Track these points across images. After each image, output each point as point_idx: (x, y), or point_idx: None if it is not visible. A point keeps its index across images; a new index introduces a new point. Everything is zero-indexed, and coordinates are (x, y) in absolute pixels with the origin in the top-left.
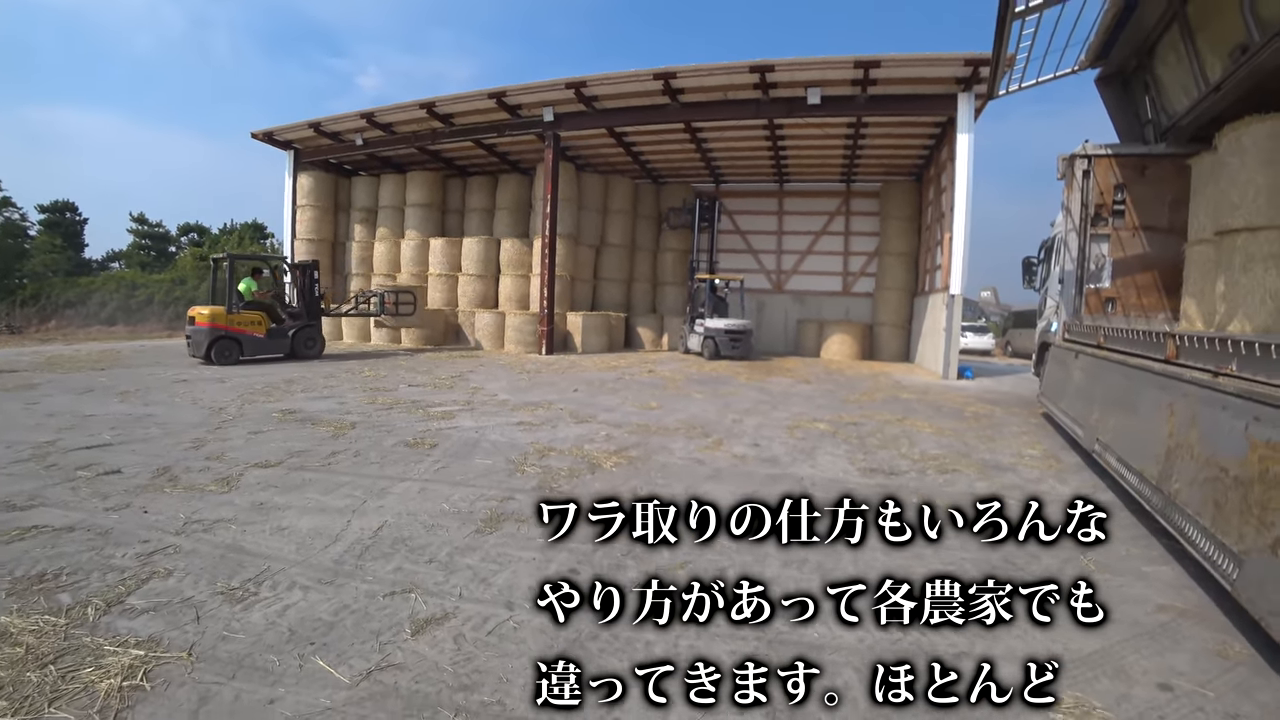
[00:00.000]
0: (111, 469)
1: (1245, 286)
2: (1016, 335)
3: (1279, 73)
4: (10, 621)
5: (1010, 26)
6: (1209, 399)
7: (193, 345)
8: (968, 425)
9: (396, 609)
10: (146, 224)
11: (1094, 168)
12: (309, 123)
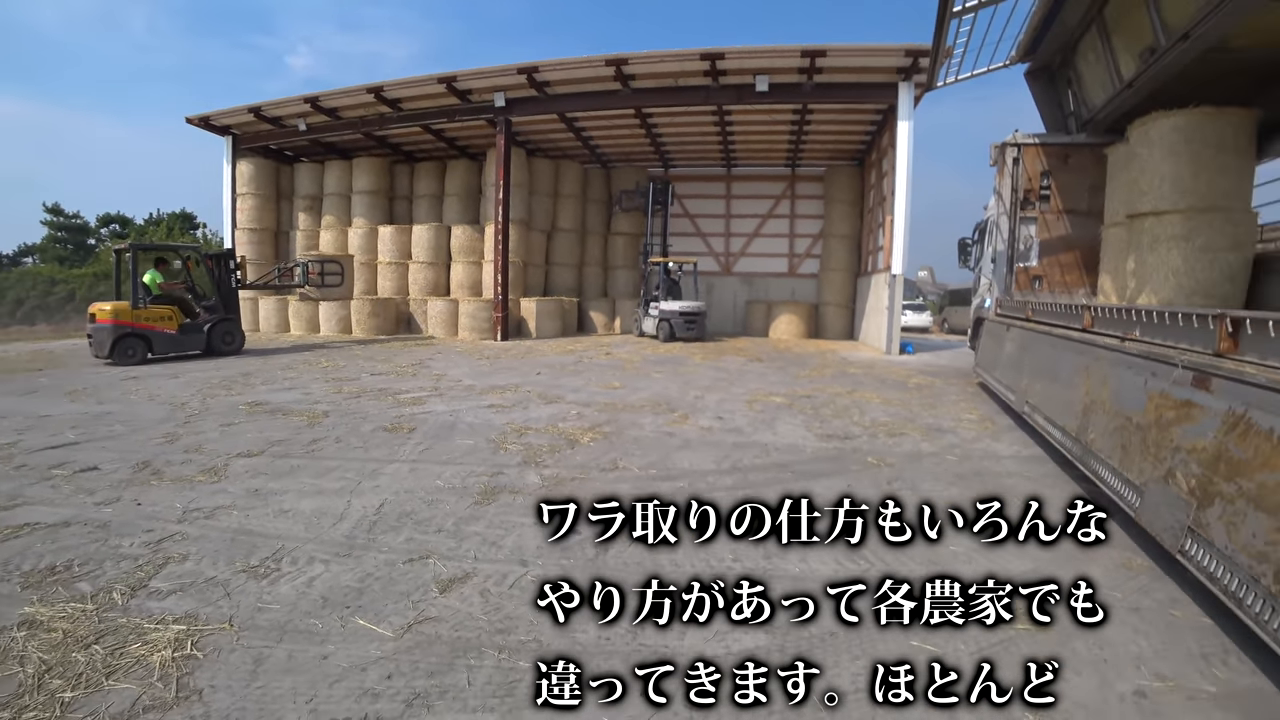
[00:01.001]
0: (87, 466)
1: (1152, 264)
2: (952, 313)
3: (1182, 73)
4: (36, 611)
5: (948, 23)
6: (1117, 360)
7: (95, 345)
8: (911, 395)
9: (418, 573)
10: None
11: (1023, 155)
12: (249, 107)
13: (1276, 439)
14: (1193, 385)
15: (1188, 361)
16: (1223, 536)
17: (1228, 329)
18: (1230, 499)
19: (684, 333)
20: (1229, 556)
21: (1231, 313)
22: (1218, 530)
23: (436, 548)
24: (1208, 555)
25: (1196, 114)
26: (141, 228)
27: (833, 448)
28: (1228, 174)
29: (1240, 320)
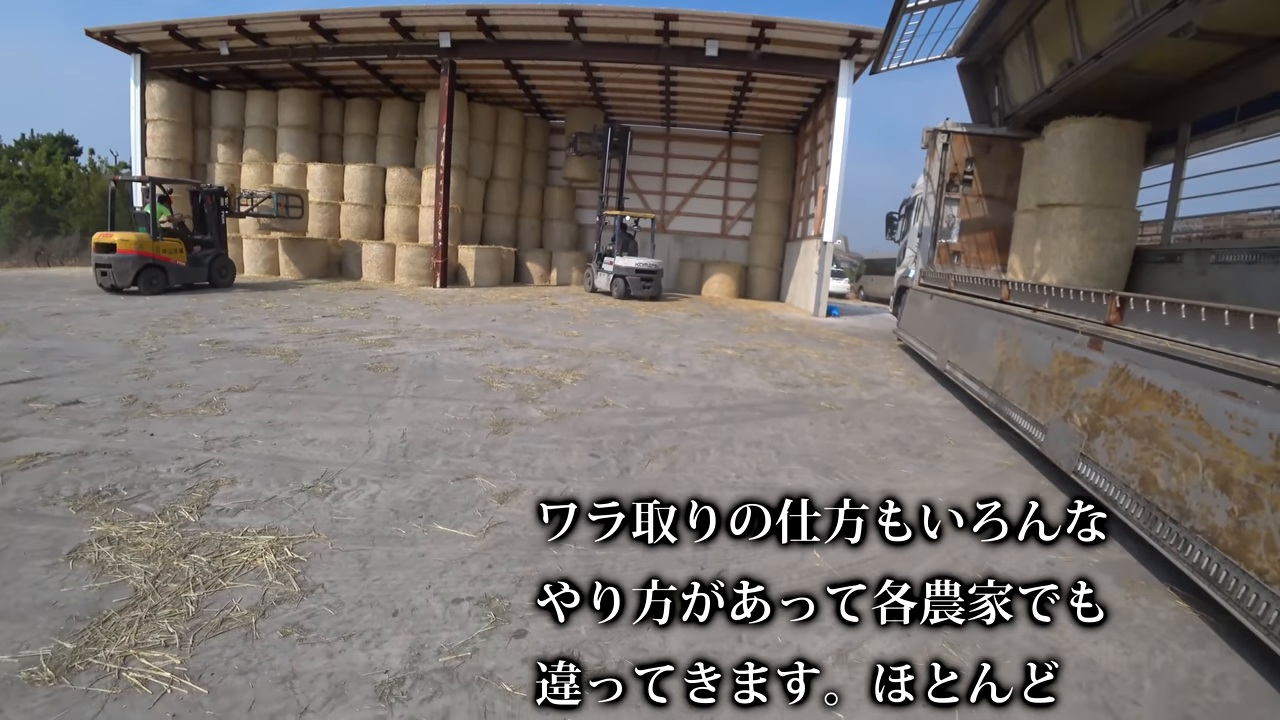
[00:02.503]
0: (68, 400)
1: (1054, 249)
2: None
3: (1094, 88)
4: (108, 529)
5: (900, 17)
6: (1029, 327)
7: (116, 274)
8: (844, 352)
9: (471, 489)
10: None
11: (952, 142)
12: (163, 24)
13: (1146, 385)
14: (1089, 347)
15: (1085, 328)
16: (1105, 458)
17: (1116, 305)
18: (1111, 430)
19: (639, 291)
20: (1109, 472)
21: (1119, 293)
22: (1101, 454)
23: (476, 469)
24: (1094, 473)
25: (1100, 122)
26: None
27: (788, 393)
28: (1120, 177)
29: (1126, 298)
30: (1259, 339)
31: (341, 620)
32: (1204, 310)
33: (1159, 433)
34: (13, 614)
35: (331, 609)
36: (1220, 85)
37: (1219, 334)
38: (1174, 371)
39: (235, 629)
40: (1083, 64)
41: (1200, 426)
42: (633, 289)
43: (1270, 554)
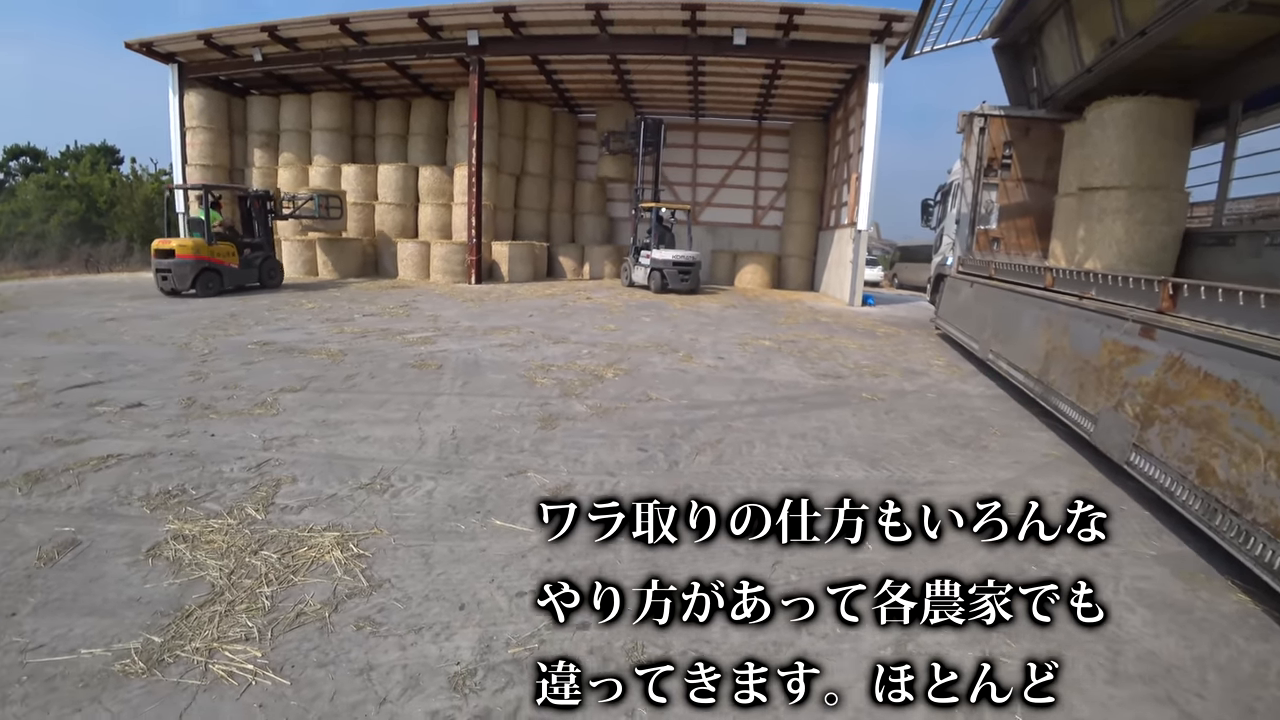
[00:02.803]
0: (131, 403)
1: (1098, 233)
2: (903, 268)
3: (1138, 66)
4: (181, 527)
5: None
6: (1076, 314)
7: (175, 278)
8: (882, 342)
9: (524, 484)
10: None
11: (989, 125)
12: (198, 33)
13: (1202, 374)
14: (1140, 335)
15: (1136, 316)
16: (1160, 448)
17: (1169, 291)
18: (1166, 420)
19: (677, 284)
20: (1164, 462)
21: (1172, 279)
22: (1156, 444)
23: (528, 464)
24: (1148, 463)
25: (1145, 102)
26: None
27: (829, 385)
28: (1168, 157)
29: (1179, 285)
30: None
31: (411, 614)
32: (1264, 297)
33: (1218, 423)
34: (102, 609)
35: (400, 603)
36: (1274, 59)
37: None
38: (1233, 360)
39: (310, 623)
40: (1126, 42)
41: (1262, 417)
42: (670, 282)
43: None
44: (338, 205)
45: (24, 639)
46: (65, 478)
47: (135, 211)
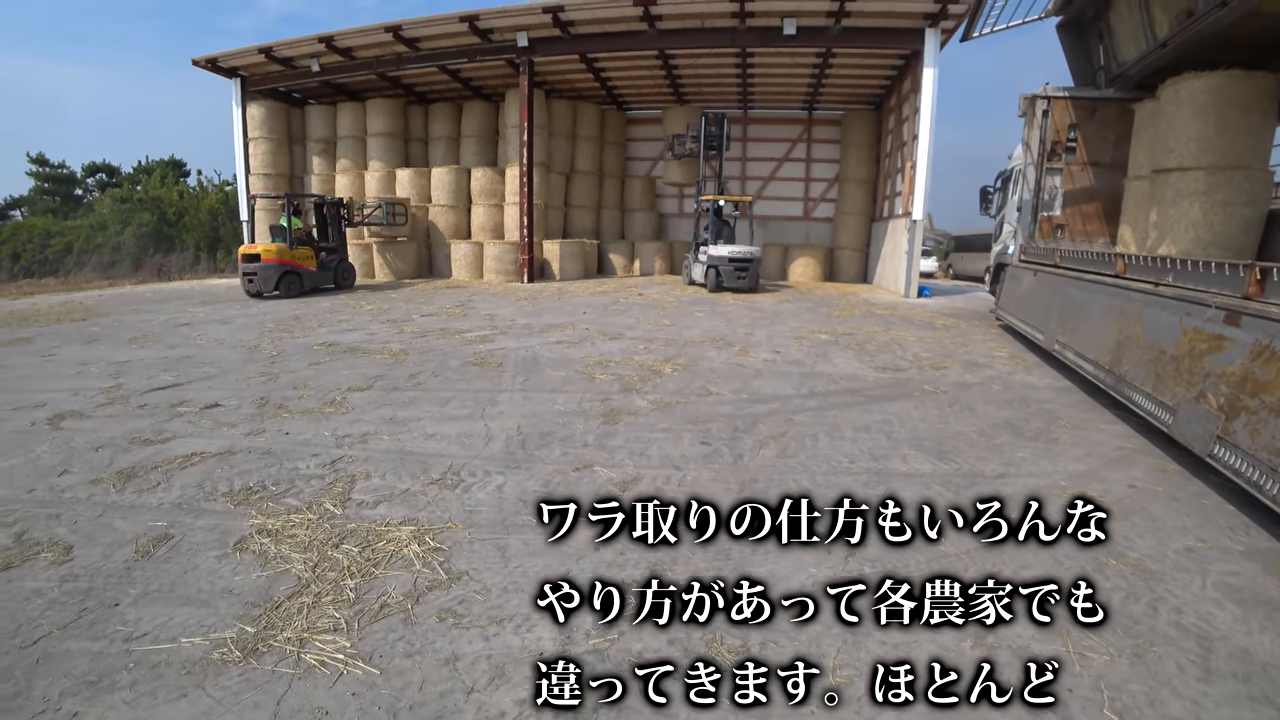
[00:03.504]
0: (209, 404)
1: (1173, 217)
2: (958, 259)
3: (1217, 38)
4: (264, 522)
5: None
6: (1151, 302)
7: (260, 281)
8: (941, 334)
9: (591, 478)
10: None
11: (1052, 108)
12: (259, 48)
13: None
14: (1224, 322)
15: (1220, 303)
16: (1247, 440)
17: (1256, 276)
18: (1254, 411)
19: (733, 282)
20: (1252, 455)
21: (1260, 264)
22: (1243, 436)
23: (593, 459)
24: (1234, 456)
25: (1226, 76)
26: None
27: (889, 378)
28: (1250, 134)
29: (1267, 269)
30: None
31: (491, 605)
32: None
33: None
34: (197, 600)
35: (480, 595)
36: None
37: None
38: None
39: (394, 614)
40: (1205, 12)
41: None
42: (726, 280)
43: None
44: (403, 212)
45: (128, 628)
46: (154, 475)
47: (201, 221)
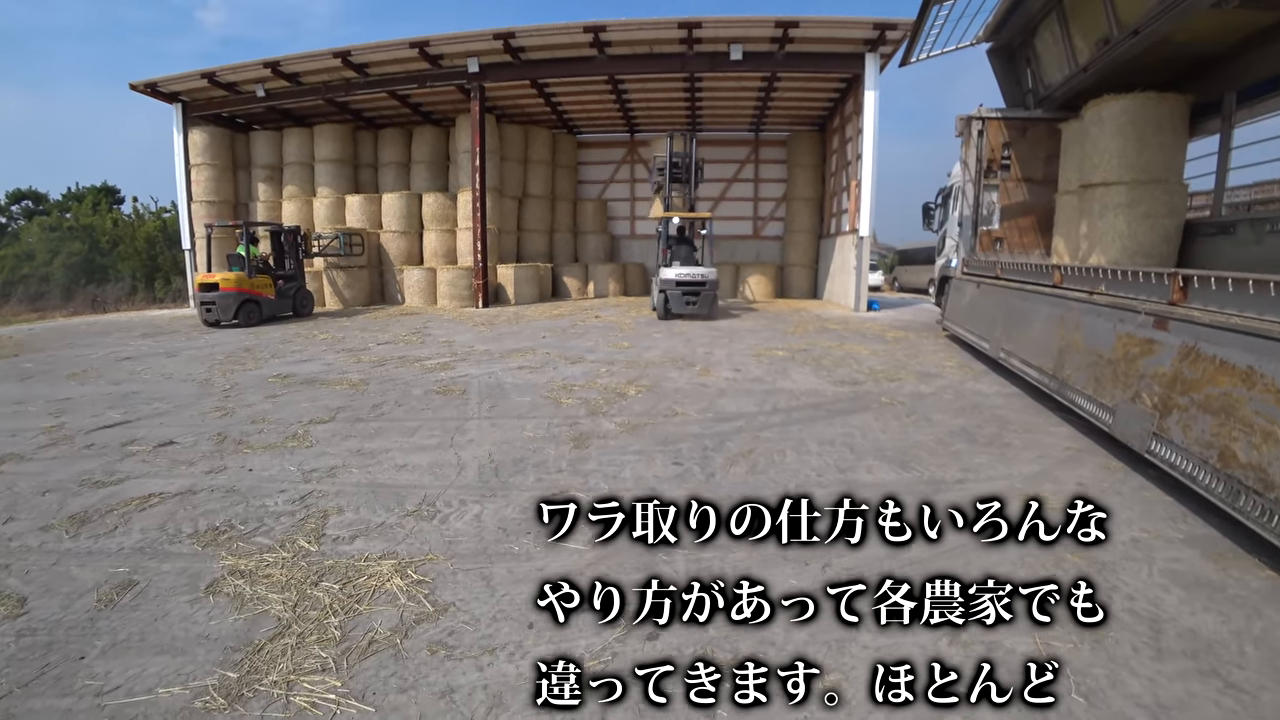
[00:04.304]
0: (163, 441)
1: (1101, 229)
2: (903, 272)
3: (1132, 63)
4: (236, 562)
5: (931, 9)
6: (1088, 310)
7: (218, 310)
8: (893, 346)
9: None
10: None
11: (986, 128)
12: (201, 72)
13: (1218, 362)
14: (1154, 327)
15: (1149, 309)
16: (1180, 436)
17: (1179, 284)
18: (1185, 408)
19: (682, 308)
20: (1185, 449)
21: (1182, 271)
22: (1176, 432)
23: (568, 484)
24: (1169, 451)
25: (1141, 98)
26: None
27: (848, 391)
28: (1165, 151)
29: (1189, 277)
30: None
31: (482, 635)
32: (1274, 285)
33: (1236, 408)
34: (172, 648)
35: (469, 625)
36: (1265, 51)
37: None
38: (1247, 347)
39: (383, 650)
40: (1119, 40)
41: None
42: (674, 305)
43: None
44: (360, 243)
45: (98, 682)
46: (110, 519)
47: (138, 250)
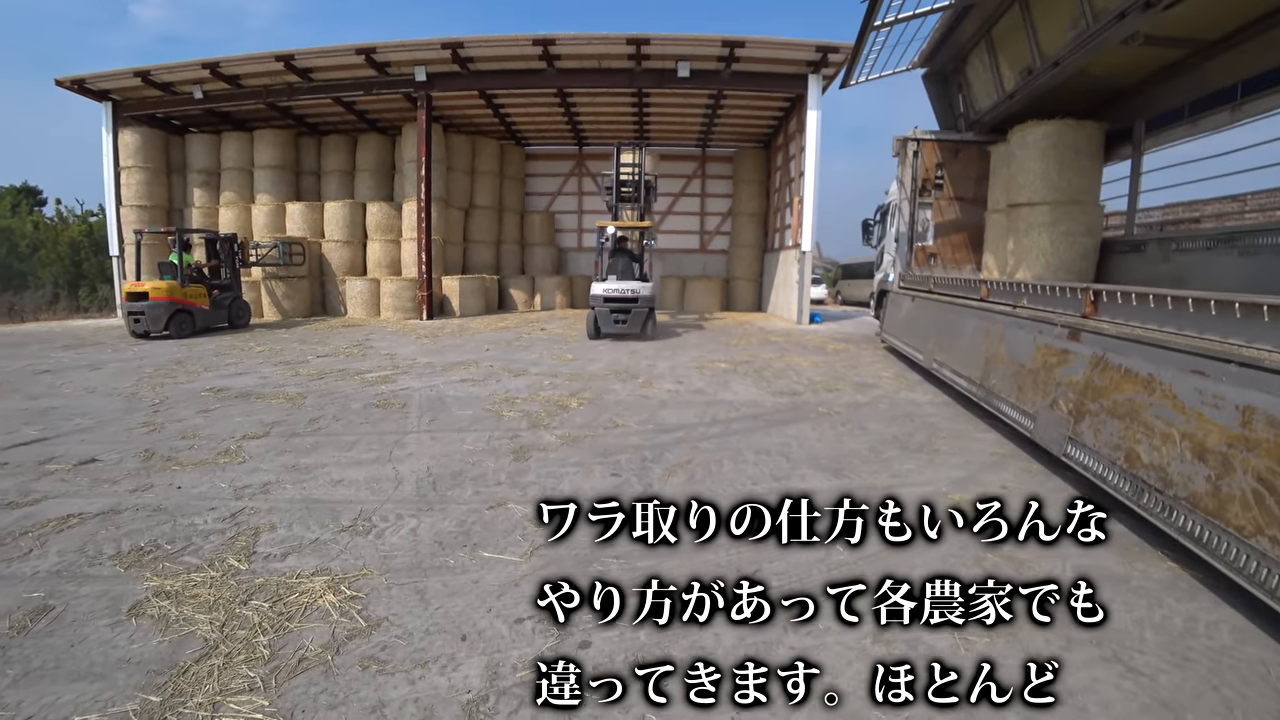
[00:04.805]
0: (84, 459)
1: (1026, 246)
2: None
3: (1053, 93)
4: (161, 583)
5: (869, 35)
6: (1011, 322)
7: (147, 320)
8: (832, 358)
9: (507, 516)
10: None
11: (921, 149)
12: (134, 70)
13: (1124, 370)
14: (1068, 338)
15: (1064, 322)
16: (1092, 439)
17: (1091, 298)
18: (1095, 414)
19: (611, 328)
20: (1096, 451)
21: (1093, 286)
22: (1088, 436)
23: (507, 496)
24: (1082, 453)
25: (1061, 124)
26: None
27: (787, 402)
28: (1083, 174)
29: (1099, 291)
30: (1221, 322)
31: (414, 649)
32: (1170, 299)
33: (1139, 412)
34: (89, 674)
35: (402, 639)
36: (1170, 84)
37: (1186, 319)
38: (1148, 356)
39: (314, 667)
40: (1041, 71)
41: (1175, 404)
42: (603, 325)
43: (1245, 511)
44: (300, 252)
45: (9, 713)
46: (25, 541)
47: (61, 255)
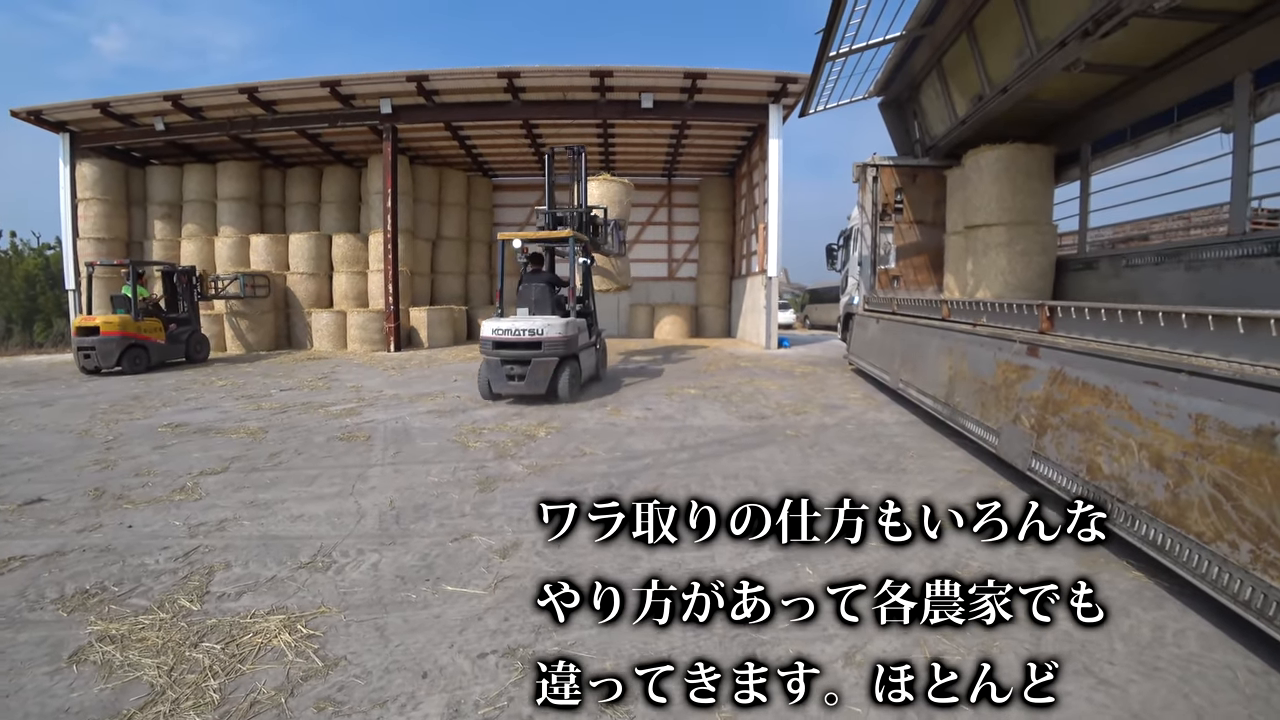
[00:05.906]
0: (30, 499)
1: (985, 266)
2: (813, 309)
3: (1004, 118)
4: (107, 627)
5: (824, 65)
6: (972, 341)
7: (98, 355)
8: (800, 381)
9: (470, 548)
10: None
11: (880, 174)
12: (94, 102)
13: (1081, 384)
14: (1027, 354)
15: (1022, 338)
16: (1055, 453)
17: (1046, 314)
18: (1056, 427)
19: (503, 386)
20: (1059, 464)
21: (1048, 303)
22: (1051, 450)
23: (471, 528)
24: (1046, 467)
25: (1012, 148)
26: None
27: (755, 426)
28: (1036, 195)
29: (1054, 307)
30: (1170, 333)
31: (373, 688)
32: (1121, 312)
33: (1098, 424)
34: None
35: (360, 679)
36: (1112, 108)
37: (1137, 332)
38: (1103, 369)
39: (266, 710)
40: (990, 97)
41: (1131, 415)
42: (494, 381)
43: (1204, 518)
44: (264, 284)
45: None
46: None
47: (15, 289)
